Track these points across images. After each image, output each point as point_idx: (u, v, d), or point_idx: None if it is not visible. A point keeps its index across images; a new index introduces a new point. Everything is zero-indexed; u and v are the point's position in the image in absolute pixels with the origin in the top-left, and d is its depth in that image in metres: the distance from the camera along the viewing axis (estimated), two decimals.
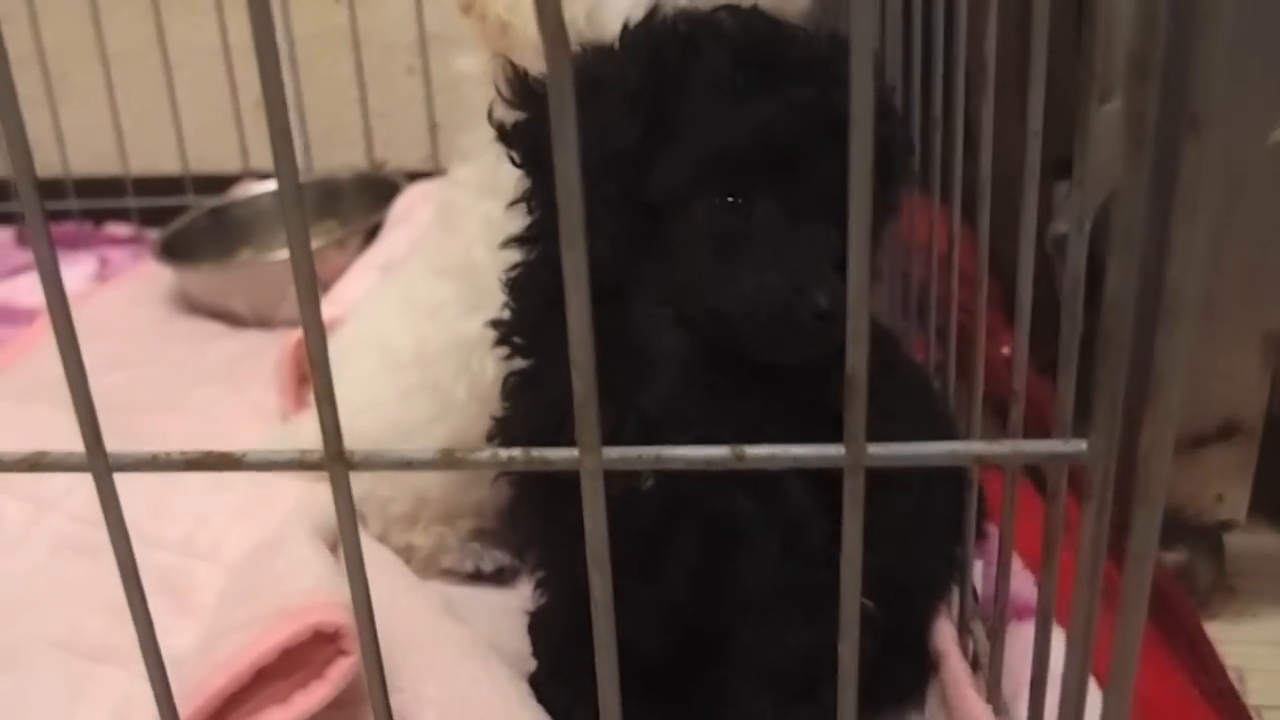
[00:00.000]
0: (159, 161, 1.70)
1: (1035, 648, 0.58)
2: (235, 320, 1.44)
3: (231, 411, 1.19)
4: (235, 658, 0.67)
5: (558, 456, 0.37)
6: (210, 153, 1.70)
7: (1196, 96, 0.29)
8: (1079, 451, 0.36)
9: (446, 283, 0.92)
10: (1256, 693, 0.84)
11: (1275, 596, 0.97)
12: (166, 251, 1.46)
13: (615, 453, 0.36)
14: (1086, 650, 0.40)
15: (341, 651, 0.69)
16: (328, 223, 1.57)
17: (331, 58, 1.65)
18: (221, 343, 1.40)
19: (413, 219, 1.34)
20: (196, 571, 0.91)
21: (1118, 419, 0.35)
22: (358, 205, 1.54)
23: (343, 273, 1.33)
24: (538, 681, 0.76)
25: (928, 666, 0.74)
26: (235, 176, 1.67)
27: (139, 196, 1.71)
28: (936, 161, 0.77)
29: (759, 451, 0.37)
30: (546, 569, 0.74)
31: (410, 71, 1.69)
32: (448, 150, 1.60)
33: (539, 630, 0.77)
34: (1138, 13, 0.31)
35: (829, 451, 0.36)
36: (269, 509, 0.93)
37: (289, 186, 0.34)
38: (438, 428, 0.91)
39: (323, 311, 0.37)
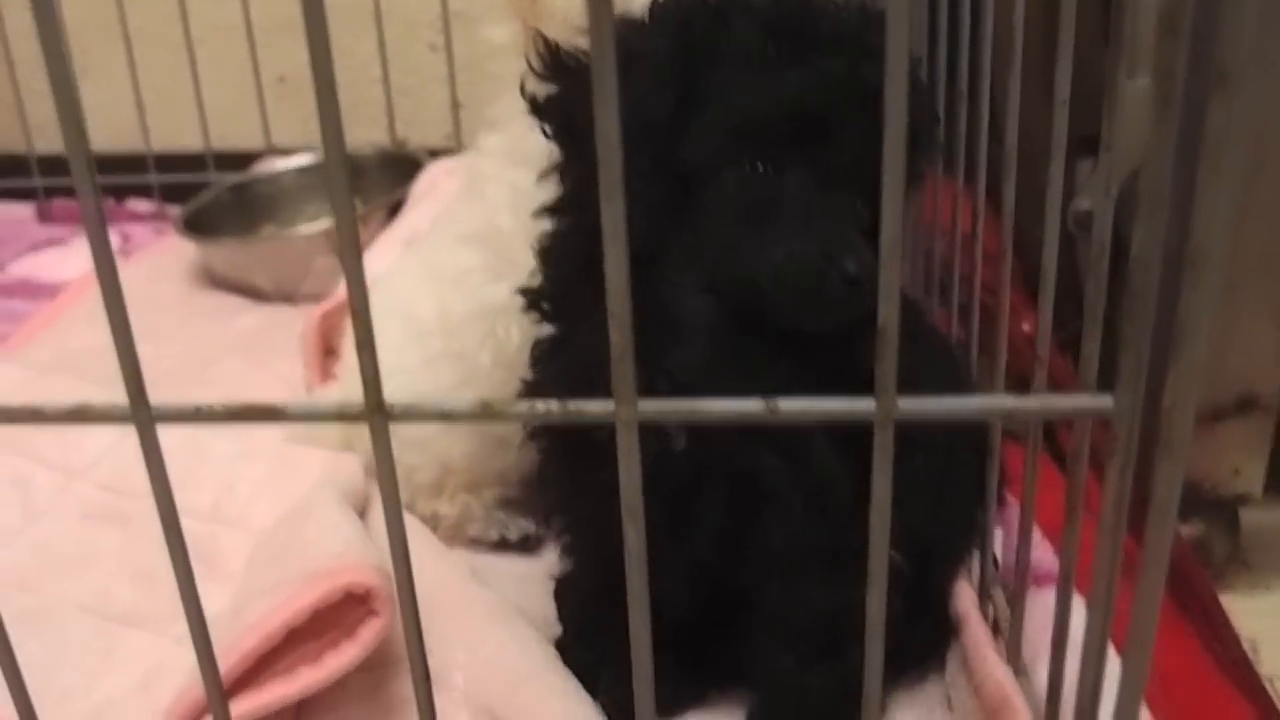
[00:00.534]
0: (181, 138, 1.70)
1: (1057, 606, 0.58)
2: (258, 295, 1.44)
3: (256, 385, 1.19)
4: (267, 618, 0.68)
5: (594, 409, 0.37)
6: (232, 129, 1.70)
7: (1225, 53, 0.30)
8: (1105, 407, 0.36)
9: (472, 250, 0.92)
10: (1270, 662, 0.85)
11: None
12: (189, 227, 1.47)
13: (650, 405, 0.36)
14: (1108, 608, 0.41)
15: (372, 612, 0.70)
16: None
17: (354, 34, 1.65)
18: (245, 317, 1.40)
19: (435, 195, 1.35)
20: (224, 538, 0.92)
21: (1143, 375, 0.35)
22: (380, 182, 1.54)
23: (365, 248, 1.33)
24: (563, 645, 0.77)
25: (948, 629, 0.75)
26: (257, 153, 1.67)
27: (160, 173, 1.71)
28: (961, 137, 0.77)
29: (792, 405, 0.37)
30: (573, 534, 0.75)
31: (433, 49, 1.69)
32: (470, 128, 1.60)
33: (564, 595, 0.79)
34: None
35: (860, 405, 0.36)
36: (296, 478, 0.93)
37: (333, 139, 0.34)
38: (463, 394, 0.91)
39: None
